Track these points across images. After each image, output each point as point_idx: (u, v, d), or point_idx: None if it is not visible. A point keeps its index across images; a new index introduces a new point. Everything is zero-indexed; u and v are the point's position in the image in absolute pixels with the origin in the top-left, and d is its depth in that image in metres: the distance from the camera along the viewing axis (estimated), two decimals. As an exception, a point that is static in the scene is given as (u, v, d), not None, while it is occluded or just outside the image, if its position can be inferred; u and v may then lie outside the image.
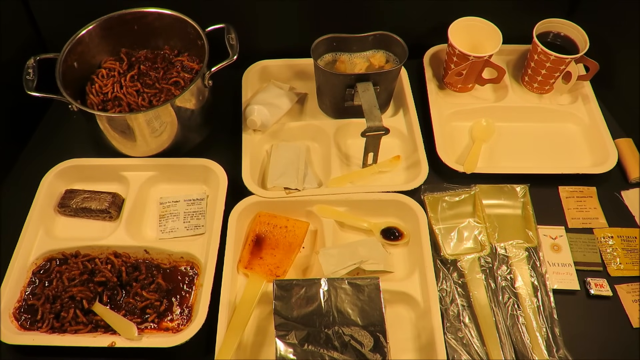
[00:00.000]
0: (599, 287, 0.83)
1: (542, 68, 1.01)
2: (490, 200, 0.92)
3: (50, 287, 0.81)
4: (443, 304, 0.80)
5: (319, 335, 0.68)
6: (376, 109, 0.88)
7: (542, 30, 1.03)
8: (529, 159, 1.00)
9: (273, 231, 0.88)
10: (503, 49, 1.02)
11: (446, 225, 0.89)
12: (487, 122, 1.04)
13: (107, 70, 0.97)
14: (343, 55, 1.01)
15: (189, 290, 0.83)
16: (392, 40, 0.98)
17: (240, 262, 0.84)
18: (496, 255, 0.86)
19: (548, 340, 0.78)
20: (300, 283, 0.72)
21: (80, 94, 0.95)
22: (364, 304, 0.70)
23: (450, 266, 0.85)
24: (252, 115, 0.96)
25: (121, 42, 0.99)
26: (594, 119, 1.02)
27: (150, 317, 0.79)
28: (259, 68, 1.09)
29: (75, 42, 0.92)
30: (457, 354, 0.76)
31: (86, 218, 0.91)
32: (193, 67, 0.98)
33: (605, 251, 0.87)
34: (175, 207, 0.91)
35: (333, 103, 1.00)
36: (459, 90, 1.09)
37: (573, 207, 0.93)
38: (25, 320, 0.79)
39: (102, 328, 0.78)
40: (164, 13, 0.96)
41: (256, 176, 0.94)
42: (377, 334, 0.68)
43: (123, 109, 0.92)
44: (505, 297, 0.82)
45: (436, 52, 1.13)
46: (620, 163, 0.97)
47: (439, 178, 0.96)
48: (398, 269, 0.85)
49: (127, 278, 0.82)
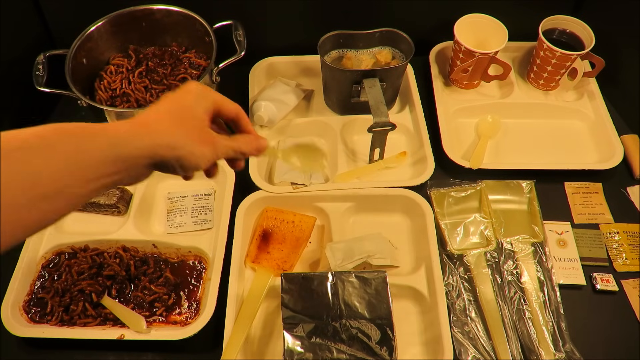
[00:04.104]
0: (605, 282, 0.83)
1: (548, 65, 1.02)
2: (496, 196, 0.92)
3: (60, 281, 0.82)
4: (449, 298, 0.80)
5: (326, 328, 0.68)
6: (382, 105, 0.89)
7: (547, 27, 1.03)
8: (535, 155, 1.00)
9: (280, 226, 0.88)
10: (509, 46, 1.02)
11: (452, 221, 0.90)
12: (493, 119, 1.04)
13: (115, 66, 0.98)
14: (349, 52, 1.01)
15: (196, 284, 0.83)
16: (399, 37, 0.98)
17: (247, 256, 0.85)
18: (502, 250, 0.86)
19: (554, 335, 0.78)
20: (308, 276, 0.73)
21: (89, 90, 0.96)
22: (371, 297, 0.71)
23: (457, 261, 0.85)
24: (259, 111, 0.97)
25: (129, 38, 1.00)
26: (599, 115, 1.02)
27: (158, 310, 0.80)
28: (266, 65, 1.09)
29: (84, 38, 0.93)
30: (464, 348, 0.76)
31: (95, 213, 0.92)
32: (201, 64, 0.99)
33: (611, 247, 0.88)
34: (183, 202, 0.92)
35: (339, 99, 1.01)
36: (464, 87, 1.09)
37: (579, 202, 0.93)
38: (35, 314, 0.80)
39: (111, 321, 0.79)
40: (172, 10, 0.97)
41: (263, 171, 0.95)
42: (385, 327, 0.69)
43: (131, 104, 0.93)
44: (512, 292, 0.82)
45: (442, 49, 1.13)
46: (626, 159, 0.97)
47: (445, 174, 0.96)
48: (405, 263, 0.86)
49: (136, 272, 0.83)
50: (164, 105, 0.51)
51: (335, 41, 0.99)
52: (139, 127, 0.47)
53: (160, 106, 0.51)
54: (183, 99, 0.52)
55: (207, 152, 0.52)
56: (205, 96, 0.54)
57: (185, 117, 0.51)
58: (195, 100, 0.53)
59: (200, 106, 0.53)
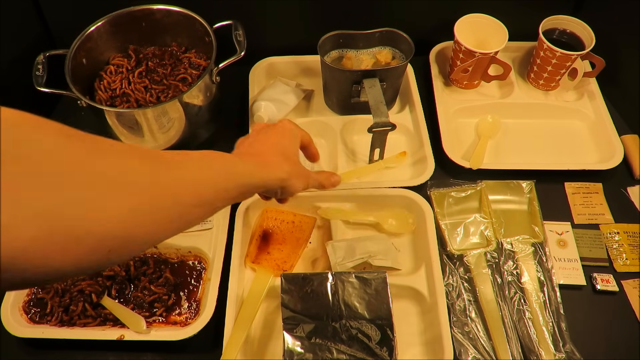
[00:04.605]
0: (605, 282, 0.83)
1: (548, 65, 1.02)
2: (497, 196, 0.92)
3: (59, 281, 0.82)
4: (449, 298, 0.80)
5: (326, 328, 0.68)
6: (383, 105, 0.89)
7: (548, 27, 1.03)
8: (535, 155, 1.00)
9: (280, 226, 0.88)
10: (509, 46, 1.02)
11: (452, 221, 0.90)
12: (493, 119, 1.04)
13: (115, 66, 0.98)
14: (349, 52, 1.01)
15: (196, 285, 0.83)
16: (399, 37, 0.98)
17: (247, 256, 0.85)
18: (502, 250, 0.86)
19: (554, 335, 0.78)
20: (308, 277, 0.73)
21: (89, 90, 0.96)
22: (371, 297, 0.71)
23: (457, 261, 0.85)
24: (259, 111, 0.97)
25: (129, 38, 1.00)
26: (600, 115, 1.02)
27: (158, 310, 0.80)
28: (266, 65, 1.09)
29: (84, 38, 0.93)
30: (464, 348, 0.76)
31: (94, 213, 0.92)
32: (200, 64, 0.99)
33: (611, 247, 0.88)
34: (183, 203, 0.92)
35: (339, 99, 1.01)
36: (464, 87, 1.09)
37: (579, 203, 0.93)
38: (34, 314, 0.80)
39: (111, 321, 0.79)
40: (172, 10, 0.96)
41: (263, 172, 0.95)
42: (385, 328, 0.68)
43: (131, 105, 0.93)
44: (512, 292, 0.82)
45: (442, 49, 1.13)
46: (626, 159, 0.97)
47: (445, 174, 0.96)
48: (405, 264, 0.86)
49: (136, 272, 0.83)
50: (272, 142, 0.62)
51: (335, 41, 0.99)
52: (263, 164, 0.58)
53: (268, 143, 0.62)
54: (283, 138, 0.64)
55: (301, 184, 0.64)
56: (296, 135, 0.66)
57: (288, 154, 0.62)
58: (290, 139, 0.65)
59: (295, 145, 0.66)
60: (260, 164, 0.58)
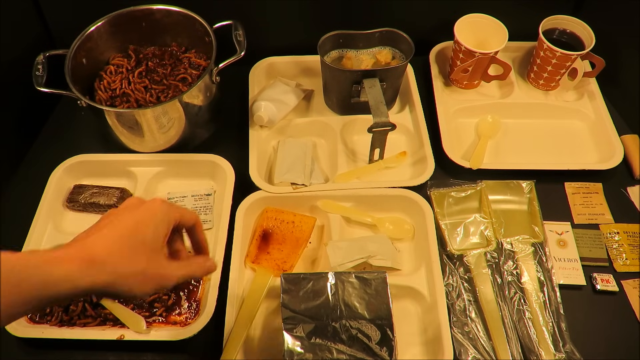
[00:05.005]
0: (605, 282, 0.83)
1: (548, 65, 1.02)
2: (496, 196, 0.92)
3: (60, 281, 0.82)
4: (449, 298, 0.80)
5: (326, 328, 0.68)
6: (382, 105, 0.89)
7: (548, 27, 1.03)
8: (535, 155, 1.00)
9: (280, 226, 0.88)
10: (509, 46, 1.02)
11: (452, 221, 0.90)
12: (493, 119, 1.04)
13: (115, 66, 0.98)
14: (349, 52, 1.01)
15: (196, 285, 0.83)
16: (399, 37, 0.98)
17: (247, 256, 0.85)
18: (502, 250, 0.86)
19: (554, 335, 0.78)
20: (308, 277, 0.73)
21: (89, 90, 0.96)
22: (371, 297, 0.71)
23: (457, 261, 0.85)
24: (259, 111, 0.97)
25: (129, 38, 1.00)
26: (599, 115, 1.02)
27: (158, 310, 0.80)
28: (266, 65, 1.09)
29: (84, 38, 0.93)
30: (464, 348, 0.76)
31: (95, 213, 0.92)
32: (200, 64, 0.99)
33: (611, 247, 0.88)
34: (183, 203, 0.92)
35: (339, 99, 1.01)
36: (464, 87, 1.09)
37: (579, 203, 0.93)
38: (34, 314, 0.80)
39: (111, 321, 0.78)
40: (172, 10, 0.96)
41: (263, 172, 0.95)
42: (384, 328, 0.68)
43: (131, 105, 0.93)
44: (512, 292, 0.82)
45: (442, 49, 1.13)
46: (626, 159, 0.97)
47: (445, 174, 0.96)
48: (405, 264, 0.86)
49: (136, 272, 0.83)
50: (117, 230, 0.48)
51: (335, 41, 0.99)
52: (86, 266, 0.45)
53: (111, 231, 0.48)
54: (138, 224, 0.49)
55: (149, 288, 0.50)
56: (166, 220, 0.51)
57: (135, 246, 0.48)
58: (155, 226, 0.50)
59: (157, 231, 0.50)
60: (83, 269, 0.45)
